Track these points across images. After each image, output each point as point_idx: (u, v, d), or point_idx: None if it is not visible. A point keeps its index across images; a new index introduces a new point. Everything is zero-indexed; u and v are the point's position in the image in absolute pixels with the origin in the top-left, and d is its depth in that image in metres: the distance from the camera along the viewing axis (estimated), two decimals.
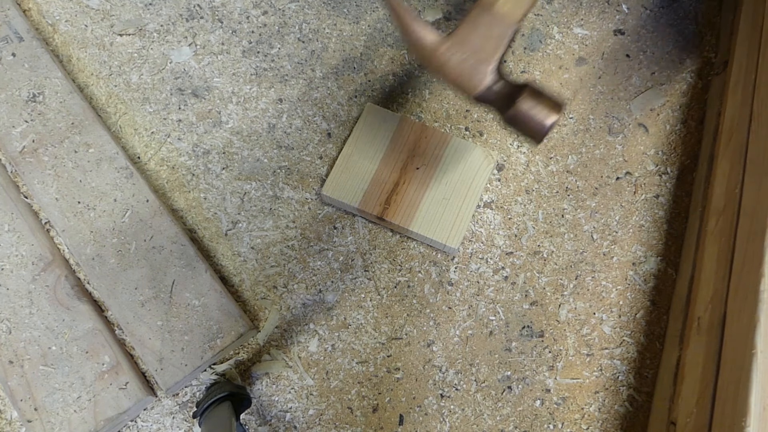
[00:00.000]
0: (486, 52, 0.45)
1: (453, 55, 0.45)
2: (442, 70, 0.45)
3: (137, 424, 0.61)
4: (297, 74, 0.72)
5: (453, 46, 0.45)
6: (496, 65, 0.45)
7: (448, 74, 0.45)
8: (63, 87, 0.69)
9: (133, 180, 0.65)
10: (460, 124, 0.71)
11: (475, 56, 0.45)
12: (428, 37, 0.46)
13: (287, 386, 0.62)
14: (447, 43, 0.46)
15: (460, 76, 0.45)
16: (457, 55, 0.45)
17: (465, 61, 0.45)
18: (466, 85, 0.45)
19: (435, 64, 0.45)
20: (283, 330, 0.64)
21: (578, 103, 0.72)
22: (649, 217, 0.68)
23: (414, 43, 0.46)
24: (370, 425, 0.61)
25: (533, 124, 0.45)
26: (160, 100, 0.71)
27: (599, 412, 0.61)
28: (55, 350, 0.59)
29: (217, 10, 0.75)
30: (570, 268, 0.66)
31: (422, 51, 0.46)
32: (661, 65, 0.73)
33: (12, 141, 0.66)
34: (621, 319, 0.64)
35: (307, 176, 0.68)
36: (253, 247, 0.66)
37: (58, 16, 0.74)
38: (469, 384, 0.62)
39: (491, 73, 0.45)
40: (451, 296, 0.65)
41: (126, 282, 0.62)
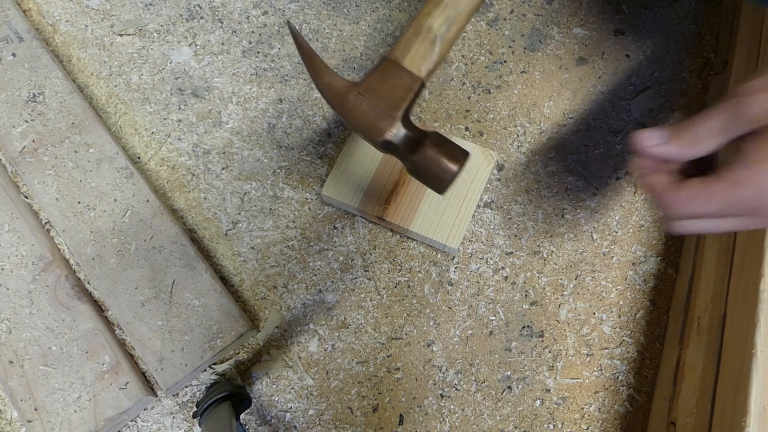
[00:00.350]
0: (393, 101, 0.47)
1: (362, 102, 0.47)
2: (351, 114, 0.47)
3: (137, 424, 0.61)
4: (297, 74, 0.72)
5: (362, 93, 0.48)
6: (402, 114, 0.47)
7: (356, 119, 0.47)
8: (63, 87, 0.69)
9: (133, 180, 0.65)
10: (460, 124, 0.71)
11: (382, 104, 0.47)
12: (338, 83, 0.48)
13: (287, 386, 0.62)
14: (356, 89, 0.48)
15: (367, 121, 0.47)
16: (365, 102, 0.47)
17: (373, 108, 0.47)
18: (373, 130, 0.47)
19: (344, 108, 0.47)
20: (283, 330, 0.64)
21: (578, 103, 0.72)
22: (649, 217, 0.68)
23: (325, 88, 0.49)
24: (370, 425, 0.61)
25: (435, 172, 0.46)
26: (160, 100, 0.71)
27: (599, 412, 0.61)
28: (55, 350, 0.59)
29: (217, 10, 0.75)
30: (570, 268, 0.66)
31: (333, 96, 0.48)
32: (661, 65, 0.73)
33: (12, 141, 0.66)
34: (621, 319, 0.64)
35: (307, 176, 0.69)
36: (253, 247, 0.66)
37: (58, 16, 0.74)
38: (469, 384, 0.62)
39: (397, 120, 0.47)
40: (451, 296, 0.65)
41: (126, 282, 0.62)
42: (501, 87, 0.72)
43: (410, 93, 0.47)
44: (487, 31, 0.75)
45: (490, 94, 0.72)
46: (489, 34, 0.74)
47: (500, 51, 0.74)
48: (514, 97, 0.72)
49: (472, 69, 0.73)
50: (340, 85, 0.48)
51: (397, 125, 0.47)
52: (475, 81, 0.72)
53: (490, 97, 0.72)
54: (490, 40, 0.74)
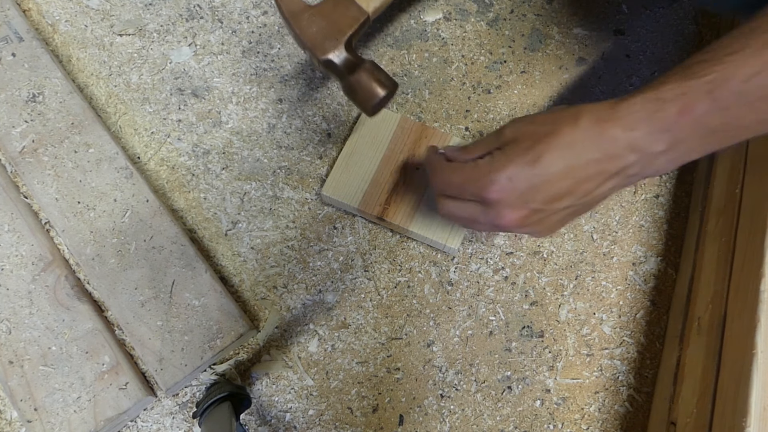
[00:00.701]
0: (340, 27, 0.54)
1: (313, 23, 0.54)
2: (302, 32, 0.54)
3: (137, 424, 0.61)
4: (297, 74, 0.72)
5: (314, 15, 0.55)
6: (346, 39, 0.54)
7: (306, 37, 0.54)
8: (63, 87, 0.69)
9: (133, 180, 0.65)
10: (460, 124, 0.71)
11: (330, 27, 0.54)
12: (296, 2, 0.55)
13: (287, 386, 0.62)
14: (310, 11, 0.55)
15: (315, 40, 0.54)
16: (316, 24, 0.54)
17: (322, 30, 0.54)
18: (319, 48, 0.54)
19: (297, 26, 0.54)
20: (283, 330, 0.64)
21: (578, 103, 0.72)
22: (649, 217, 0.68)
23: (283, 5, 0.55)
24: (370, 425, 0.61)
25: (365, 94, 0.52)
26: (160, 100, 0.71)
27: (599, 412, 0.61)
28: (55, 350, 0.59)
29: (217, 10, 0.75)
30: (570, 268, 0.66)
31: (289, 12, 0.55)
32: (661, 65, 0.73)
33: (12, 141, 0.66)
34: (621, 319, 0.64)
35: (307, 176, 0.68)
36: (253, 248, 0.66)
37: (58, 16, 0.74)
38: (469, 384, 0.62)
39: (341, 43, 0.54)
40: (451, 296, 0.65)
41: (126, 282, 0.62)
42: (501, 87, 0.72)
43: (356, 23, 0.54)
44: (487, 31, 0.75)
45: (490, 94, 0.72)
46: (489, 34, 0.74)
47: (500, 51, 0.74)
48: (514, 97, 0.72)
49: (472, 69, 0.73)
50: (296, 5, 0.55)
51: (340, 48, 0.54)
52: (475, 81, 0.72)
53: (490, 97, 0.72)
54: (490, 40, 0.74)
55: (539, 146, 0.43)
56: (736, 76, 0.38)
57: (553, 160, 0.43)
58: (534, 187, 0.43)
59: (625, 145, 0.41)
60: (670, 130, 0.40)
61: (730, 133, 0.40)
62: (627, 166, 0.42)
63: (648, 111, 0.40)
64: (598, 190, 0.44)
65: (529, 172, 0.43)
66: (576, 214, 0.47)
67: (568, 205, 0.45)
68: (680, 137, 0.40)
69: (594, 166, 0.42)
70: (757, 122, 0.39)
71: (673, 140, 0.41)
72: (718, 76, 0.38)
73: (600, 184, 0.44)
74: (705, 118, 0.39)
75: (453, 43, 0.74)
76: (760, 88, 0.37)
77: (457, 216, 0.49)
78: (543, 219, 0.46)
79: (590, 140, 0.42)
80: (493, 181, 0.44)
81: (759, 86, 0.37)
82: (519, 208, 0.45)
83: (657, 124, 0.40)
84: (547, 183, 0.43)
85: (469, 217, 0.48)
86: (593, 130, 0.42)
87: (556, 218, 0.47)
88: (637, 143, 0.41)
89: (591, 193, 0.44)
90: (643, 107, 0.41)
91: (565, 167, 0.43)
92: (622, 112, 0.41)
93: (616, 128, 0.41)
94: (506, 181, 0.44)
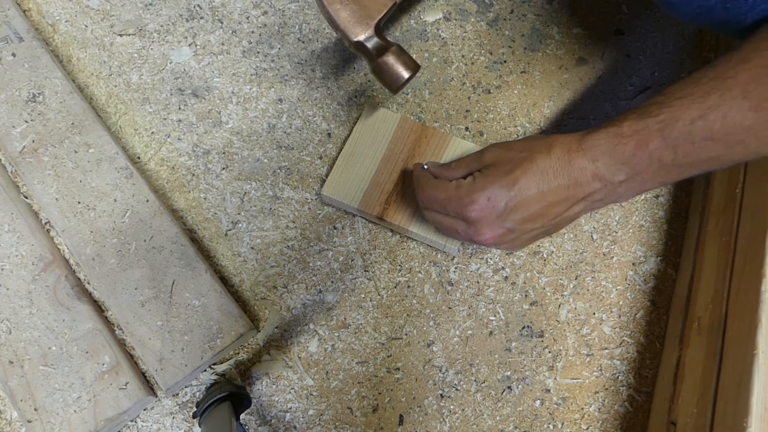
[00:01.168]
0: (370, 12, 0.57)
1: (345, 7, 0.57)
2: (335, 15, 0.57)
3: (137, 424, 0.61)
4: (297, 74, 0.72)
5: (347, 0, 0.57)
6: (376, 23, 0.57)
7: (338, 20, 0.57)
8: (63, 87, 0.69)
9: (133, 180, 0.65)
10: (460, 124, 0.71)
11: (361, 12, 0.57)
12: None
13: (287, 386, 0.62)
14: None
15: (347, 24, 0.57)
16: (348, 7, 0.57)
17: (353, 13, 0.57)
18: (350, 32, 0.57)
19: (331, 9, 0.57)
20: (283, 330, 0.64)
21: (578, 103, 0.72)
22: (648, 217, 0.68)
23: None
24: (370, 425, 0.61)
25: (392, 75, 0.56)
26: (160, 100, 0.71)
27: (599, 412, 0.61)
28: (55, 350, 0.59)
29: (217, 10, 0.75)
30: (570, 268, 0.66)
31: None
32: (661, 65, 0.73)
33: (12, 141, 0.66)
34: (621, 319, 0.64)
35: (307, 176, 0.68)
36: (253, 248, 0.66)
37: (58, 17, 0.74)
38: (469, 384, 0.62)
39: (370, 28, 0.57)
40: (451, 296, 0.65)
41: (126, 282, 0.62)
42: (501, 87, 0.72)
43: (385, 8, 0.57)
44: (487, 31, 0.75)
45: (490, 94, 0.72)
46: (489, 34, 0.74)
47: (500, 51, 0.74)
48: (514, 97, 0.72)
49: (472, 69, 0.73)
50: None
51: (370, 31, 0.57)
52: (475, 81, 0.72)
53: (490, 97, 0.72)
54: (490, 40, 0.74)
55: (516, 171, 0.48)
56: (682, 119, 0.42)
57: (528, 185, 0.48)
58: (510, 209, 0.48)
59: (591, 174, 0.46)
60: (628, 162, 0.45)
61: (681, 168, 0.44)
62: (592, 193, 0.47)
63: (610, 144, 0.45)
64: (566, 213, 0.49)
65: (507, 195, 0.48)
66: (545, 233, 0.52)
67: (539, 226, 0.50)
68: (637, 169, 0.45)
69: (564, 192, 0.47)
70: (703, 160, 0.43)
71: (632, 171, 0.45)
72: (668, 116, 0.43)
73: (568, 208, 0.49)
74: (657, 153, 0.44)
75: (453, 43, 0.74)
76: (702, 130, 0.42)
77: (441, 227, 0.55)
78: (516, 238, 0.51)
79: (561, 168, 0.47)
80: (473, 201, 0.49)
81: (701, 128, 0.41)
82: (496, 227, 0.49)
83: (617, 157, 0.45)
84: (521, 205, 0.48)
85: (451, 228, 0.53)
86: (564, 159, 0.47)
87: (528, 237, 0.51)
88: (600, 172, 0.46)
89: (560, 215, 0.49)
90: (606, 141, 0.45)
91: (538, 192, 0.48)
92: (587, 143, 0.46)
93: (584, 159, 0.46)
94: (485, 201, 0.49)
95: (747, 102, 0.40)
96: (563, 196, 0.47)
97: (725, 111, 0.41)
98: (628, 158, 0.45)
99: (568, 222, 0.51)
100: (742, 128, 0.41)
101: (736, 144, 0.42)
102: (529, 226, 0.49)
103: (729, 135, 0.41)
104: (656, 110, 0.44)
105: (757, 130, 0.40)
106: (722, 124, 0.41)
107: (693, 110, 0.42)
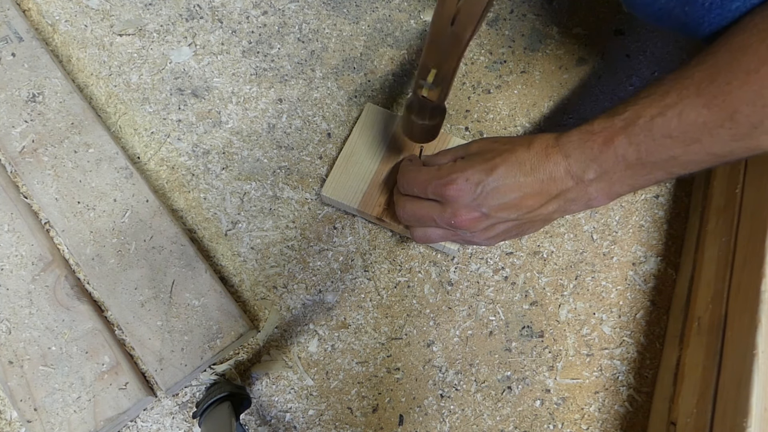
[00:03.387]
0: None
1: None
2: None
3: (137, 424, 0.61)
4: (297, 74, 0.72)
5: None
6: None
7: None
8: (63, 87, 0.69)
9: (132, 180, 0.65)
10: (460, 124, 0.71)
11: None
12: None
13: (287, 386, 0.62)
14: None
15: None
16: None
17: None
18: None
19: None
20: (282, 330, 0.64)
21: (578, 103, 0.72)
22: (648, 217, 0.68)
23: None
24: (369, 425, 0.61)
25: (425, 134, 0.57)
26: (159, 100, 0.71)
27: (599, 412, 0.61)
28: (55, 350, 0.59)
29: (217, 10, 0.75)
30: (570, 268, 0.66)
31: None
32: (661, 65, 0.73)
33: (12, 141, 0.66)
34: (621, 319, 0.64)
35: (307, 176, 0.68)
36: (252, 248, 0.66)
37: (58, 16, 0.74)
38: (469, 384, 0.62)
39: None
40: (451, 296, 0.65)
41: (126, 282, 0.62)
42: (501, 87, 0.72)
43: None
44: (487, 31, 0.75)
45: (490, 94, 0.72)
46: (489, 34, 0.74)
47: (500, 51, 0.74)
48: (514, 97, 0.72)
49: (472, 69, 0.73)
50: None
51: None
52: (475, 81, 0.72)
53: (490, 97, 0.72)
54: (490, 40, 0.74)
55: (496, 159, 0.50)
56: (643, 116, 0.44)
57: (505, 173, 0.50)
58: (486, 193, 0.50)
59: (564, 170, 0.48)
60: (596, 159, 0.47)
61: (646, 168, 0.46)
62: (565, 190, 0.49)
63: (581, 141, 0.47)
64: (540, 210, 0.50)
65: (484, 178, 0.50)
66: (518, 229, 0.53)
67: (513, 217, 0.51)
68: (605, 167, 0.47)
69: (539, 185, 0.49)
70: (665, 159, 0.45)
71: (600, 170, 0.47)
72: (631, 114, 0.45)
73: (542, 204, 0.50)
74: (622, 150, 0.45)
75: None
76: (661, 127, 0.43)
77: (417, 215, 0.55)
78: (490, 227, 0.52)
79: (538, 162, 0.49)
80: (452, 180, 0.51)
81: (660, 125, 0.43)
82: (472, 210, 0.51)
83: (587, 153, 0.47)
84: (497, 191, 0.50)
85: (428, 215, 0.54)
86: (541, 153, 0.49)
87: (502, 229, 0.53)
88: (572, 168, 0.48)
89: (534, 210, 0.50)
90: (578, 137, 0.48)
91: (515, 181, 0.49)
92: (563, 140, 0.48)
93: (558, 155, 0.48)
94: (464, 181, 0.50)
95: (700, 99, 0.42)
96: (537, 189, 0.49)
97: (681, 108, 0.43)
98: (596, 155, 0.46)
99: (542, 222, 0.53)
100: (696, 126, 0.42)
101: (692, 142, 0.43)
102: (503, 214, 0.51)
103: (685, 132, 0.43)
104: (623, 109, 0.46)
105: (711, 127, 0.42)
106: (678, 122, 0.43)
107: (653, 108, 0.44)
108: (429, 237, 0.57)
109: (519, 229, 0.53)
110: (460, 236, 0.55)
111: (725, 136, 0.42)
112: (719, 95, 0.41)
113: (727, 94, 0.41)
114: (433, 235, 0.56)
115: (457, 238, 0.56)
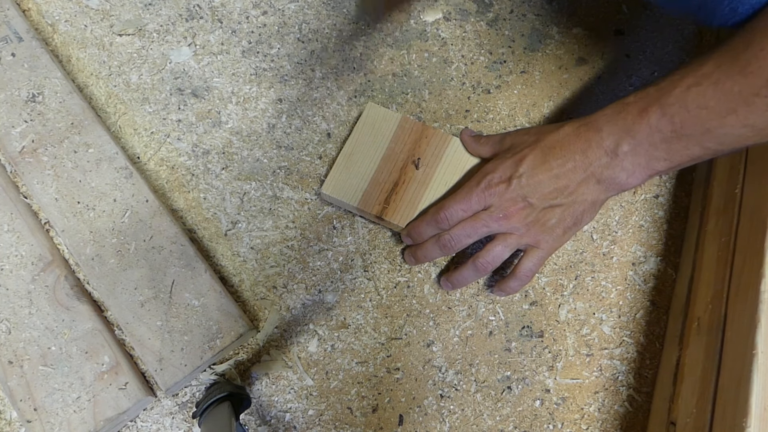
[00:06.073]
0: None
1: None
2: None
3: (137, 424, 0.61)
4: (297, 74, 0.72)
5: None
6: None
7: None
8: (62, 87, 0.69)
9: (132, 180, 0.65)
10: (460, 124, 0.71)
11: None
12: None
13: (287, 386, 0.62)
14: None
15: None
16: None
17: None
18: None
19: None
20: (282, 330, 0.64)
21: (578, 103, 0.72)
22: (648, 217, 0.68)
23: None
24: (369, 425, 0.61)
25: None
26: (159, 100, 0.71)
27: (599, 412, 0.61)
28: (55, 350, 0.59)
29: (217, 10, 0.75)
30: (570, 268, 0.66)
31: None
32: (660, 65, 0.73)
33: (11, 141, 0.66)
34: (621, 319, 0.64)
35: (307, 176, 0.68)
36: (252, 248, 0.66)
37: (58, 16, 0.74)
38: (468, 384, 0.62)
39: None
40: (451, 296, 0.65)
41: (126, 282, 0.62)
42: (501, 87, 0.72)
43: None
44: (487, 31, 0.75)
45: (490, 94, 0.72)
46: (489, 34, 0.74)
47: (500, 51, 0.74)
48: (514, 97, 0.72)
49: (472, 69, 0.73)
50: None
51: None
52: (475, 81, 0.72)
53: (490, 97, 0.72)
54: (490, 40, 0.74)
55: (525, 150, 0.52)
56: (679, 85, 0.44)
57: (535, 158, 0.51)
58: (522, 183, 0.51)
59: (596, 144, 0.48)
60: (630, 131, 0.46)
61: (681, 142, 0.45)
62: (600, 166, 0.49)
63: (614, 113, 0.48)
64: (580, 189, 0.50)
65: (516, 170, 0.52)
66: (571, 217, 0.53)
67: (557, 202, 0.51)
68: (639, 139, 0.47)
69: (571, 164, 0.49)
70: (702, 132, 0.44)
71: (635, 142, 0.47)
72: (667, 84, 0.45)
73: (580, 182, 0.50)
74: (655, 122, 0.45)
75: (453, 43, 0.74)
76: (696, 96, 0.43)
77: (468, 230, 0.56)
78: (540, 218, 0.53)
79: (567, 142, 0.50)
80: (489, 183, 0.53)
81: (695, 94, 0.43)
82: (516, 201, 0.52)
83: (620, 124, 0.47)
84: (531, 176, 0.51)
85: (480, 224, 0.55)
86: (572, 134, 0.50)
87: (556, 218, 0.52)
88: (604, 142, 0.48)
89: (574, 191, 0.50)
90: (611, 109, 0.48)
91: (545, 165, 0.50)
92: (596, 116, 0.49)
93: (590, 130, 0.49)
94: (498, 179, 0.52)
95: (736, 66, 0.41)
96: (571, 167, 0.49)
97: (717, 77, 0.42)
98: (630, 126, 0.46)
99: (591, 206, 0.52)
100: (732, 94, 0.42)
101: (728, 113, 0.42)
102: (546, 201, 0.51)
103: (720, 102, 0.42)
104: (661, 80, 0.46)
105: (746, 95, 0.41)
106: (714, 91, 0.42)
107: (689, 77, 0.44)
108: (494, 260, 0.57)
109: (572, 216, 0.53)
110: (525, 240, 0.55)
111: (761, 105, 0.41)
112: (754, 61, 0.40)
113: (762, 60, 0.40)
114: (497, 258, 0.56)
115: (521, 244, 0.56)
